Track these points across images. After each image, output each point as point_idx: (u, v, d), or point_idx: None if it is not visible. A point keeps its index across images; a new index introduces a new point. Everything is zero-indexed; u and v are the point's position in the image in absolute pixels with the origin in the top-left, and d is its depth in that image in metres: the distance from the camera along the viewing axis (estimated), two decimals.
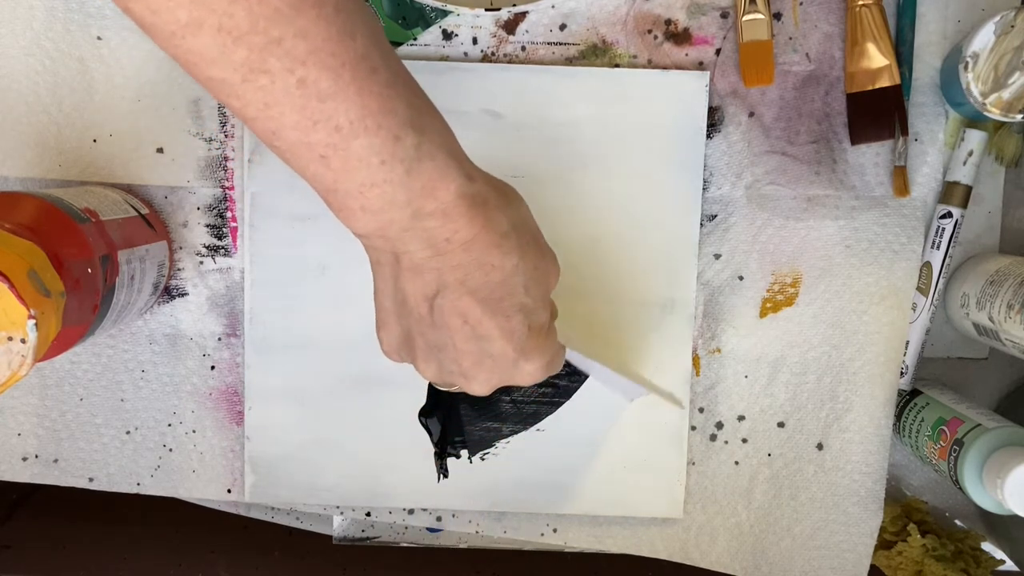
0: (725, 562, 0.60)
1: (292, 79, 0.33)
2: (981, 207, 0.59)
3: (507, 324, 0.40)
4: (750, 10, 0.56)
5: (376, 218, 0.36)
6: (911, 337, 0.59)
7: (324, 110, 0.33)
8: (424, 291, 0.39)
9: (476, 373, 0.42)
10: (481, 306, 0.39)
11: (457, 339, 0.40)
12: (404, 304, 0.40)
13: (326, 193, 0.36)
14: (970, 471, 0.52)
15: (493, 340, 0.40)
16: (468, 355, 0.41)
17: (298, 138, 0.34)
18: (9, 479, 0.60)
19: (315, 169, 0.35)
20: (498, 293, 0.39)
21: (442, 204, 0.37)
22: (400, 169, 0.35)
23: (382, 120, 0.34)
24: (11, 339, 0.41)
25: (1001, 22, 0.53)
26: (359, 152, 0.34)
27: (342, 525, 0.62)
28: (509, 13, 0.57)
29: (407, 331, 0.42)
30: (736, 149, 0.58)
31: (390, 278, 0.40)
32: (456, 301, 0.39)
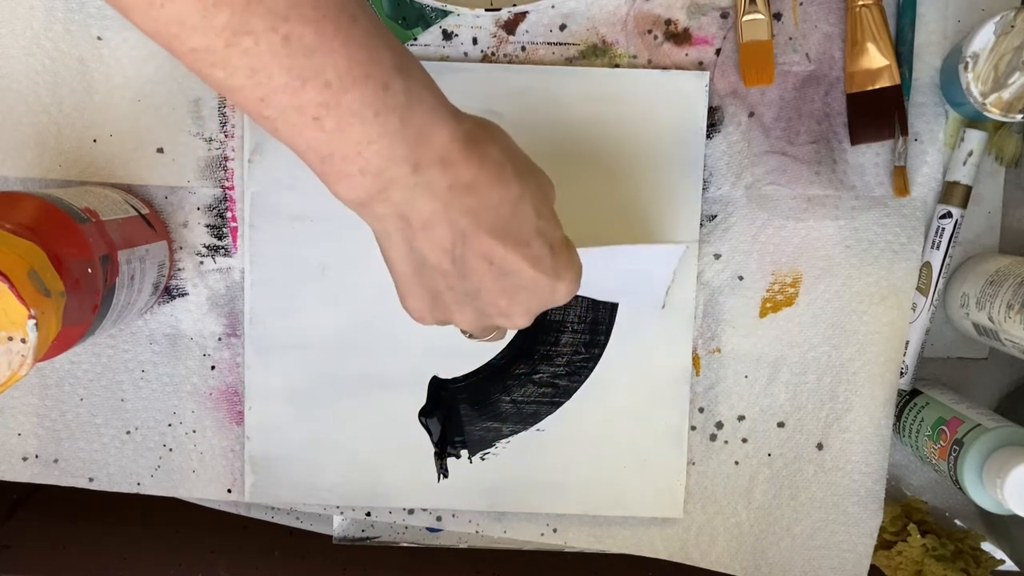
0: (725, 562, 0.60)
1: (276, 37, 0.32)
2: (981, 207, 0.59)
3: (530, 252, 0.40)
4: (750, 10, 0.56)
5: (377, 180, 0.36)
6: (911, 337, 0.59)
7: (312, 66, 0.33)
8: (443, 245, 0.38)
9: (514, 308, 0.41)
10: (502, 243, 0.39)
11: (487, 281, 0.40)
12: (424, 264, 0.39)
13: (322, 163, 0.35)
14: (970, 471, 0.52)
15: (523, 272, 0.40)
16: (503, 293, 0.40)
17: (288, 101, 0.33)
18: (9, 479, 0.60)
19: (309, 135, 0.34)
20: (513, 225, 0.39)
21: (439, 151, 0.36)
22: (394, 119, 0.35)
23: (369, 69, 0.34)
24: (11, 339, 0.41)
25: (1001, 22, 0.53)
26: (351, 106, 0.34)
27: (342, 525, 0.62)
28: (509, 13, 0.57)
29: (433, 291, 0.41)
30: (736, 149, 0.58)
31: (403, 243, 0.39)
32: (477, 245, 0.38)
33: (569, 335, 0.58)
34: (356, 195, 0.36)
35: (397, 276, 0.41)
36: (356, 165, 0.35)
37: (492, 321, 0.43)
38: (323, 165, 0.35)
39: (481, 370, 0.59)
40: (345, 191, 0.36)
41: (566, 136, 0.57)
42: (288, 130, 0.34)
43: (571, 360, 0.59)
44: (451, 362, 0.58)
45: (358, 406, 0.59)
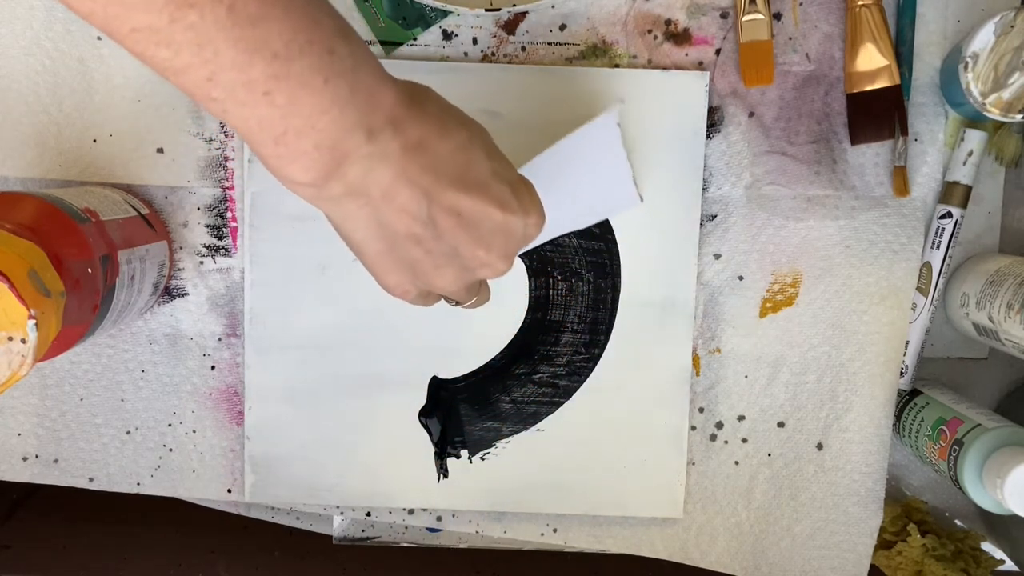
0: (725, 562, 0.60)
1: (221, 8, 0.31)
2: (981, 207, 0.59)
3: (493, 194, 0.40)
4: (750, 10, 0.56)
5: (333, 154, 0.35)
6: (911, 337, 0.59)
7: (258, 36, 0.32)
8: (409, 209, 0.38)
9: (493, 254, 0.41)
10: (465, 192, 0.39)
11: (461, 235, 0.40)
12: (396, 236, 0.39)
13: (276, 144, 0.34)
14: (970, 471, 0.52)
15: (492, 215, 0.40)
16: (479, 243, 0.40)
17: (237, 77, 0.32)
18: (9, 479, 0.60)
19: (262, 112, 0.33)
20: (470, 172, 0.39)
21: (388, 113, 0.36)
22: (344, 85, 0.34)
23: (313, 35, 0.33)
24: (11, 339, 0.41)
25: (1001, 22, 0.53)
26: (301, 76, 0.33)
27: (342, 525, 0.62)
28: (509, 13, 0.57)
29: (411, 261, 0.41)
30: (736, 149, 0.58)
31: (368, 220, 0.38)
32: (442, 200, 0.38)
33: (569, 335, 0.58)
34: (312, 175, 0.35)
35: (370, 257, 0.41)
36: (311, 139, 0.34)
37: (475, 276, 0.42)
38: (276, 146, 0.34)
39: (481, 370, 0.59)
40: (301, 172, 0.35)
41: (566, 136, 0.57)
42: (238, 110, 0.33)
43: (571, 360, 0.59)
44: (451, 362, 0.59)
45: (358, 406, 0.59)
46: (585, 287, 0.58)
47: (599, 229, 0.57)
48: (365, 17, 0.57)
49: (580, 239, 0.58)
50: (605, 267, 0.58)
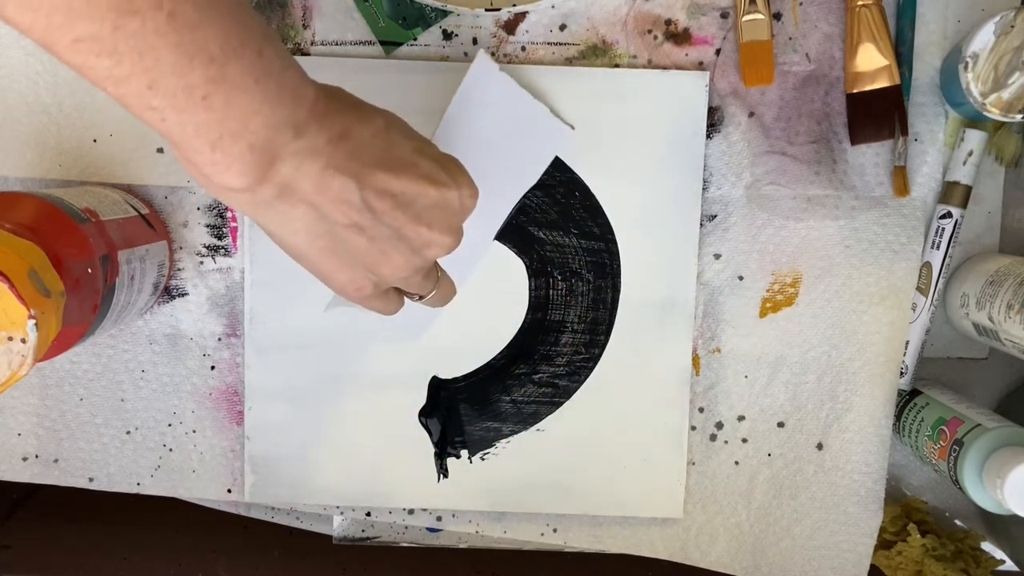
0: (725, 562, 0.60)
1: (162, 15, 0.31)
2: (981, 207, 0.59)
3: (421, 171, 0.41)
4: (750, 10, 0.56)
5: (265, 154, 0.35)
6: (911, 337, 0.59)
7: (196, 41, 0.32)
8: (344, 197, 0.38)
9: (436, 231, 0.42)
10: (394, 173, 0.40)
11: (400, 216, 0.40)
12: (336, 228, 0.40)
13: (212, 149, 0.34)
14: (970, 471, 0.52)
15: (426, 191, 0.41)
16: (419, 220, 0.41)
17: (177, 83, 0.32)
18: (9, 479, 0.60)
19: (200, 118, 0.34)
20: (394, 153, 0.40)
21: (312, 108, 0.37)
22: (272, 84, 0.35)
23: (244, 38, 0.34)
24: (11, 339, 0.41)
25: (1001, 22, 0.53)
26: (235, 78, 0.33)
27: (342, 525, 0.62)
28: (509, 13, 0.57)
29: (355, 252, 0.41)
30: (736, 149, 0.58)
31: (306, 217, 0.39)
32: (374, 183, 0.39)
33: (569, 335, 0.58)
34: (247, 179, 0.36)
35: (315, 257, 0.41)
36: (245, 141, 0.35)
37: (424, 257, 0.43)
38: (213, 152, 0.35)
39: (481, 370, 0.59)
40: (237, 176, 0.36)
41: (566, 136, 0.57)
42: (177, 117, 0.33)
43: (571, 360, 0.59)
44: (451, 362, 0.59)
45: (358, 406, 0.59)
46: (585, 287, 0.58)
47: (599, 229, 0.58)
48: (365, 17, 0.57)
49: (580, 239, 0.58)
50: (605, 267, 0.58)
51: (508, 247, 0.58)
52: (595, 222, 0.58)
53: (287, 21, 0.57)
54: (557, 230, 0.58)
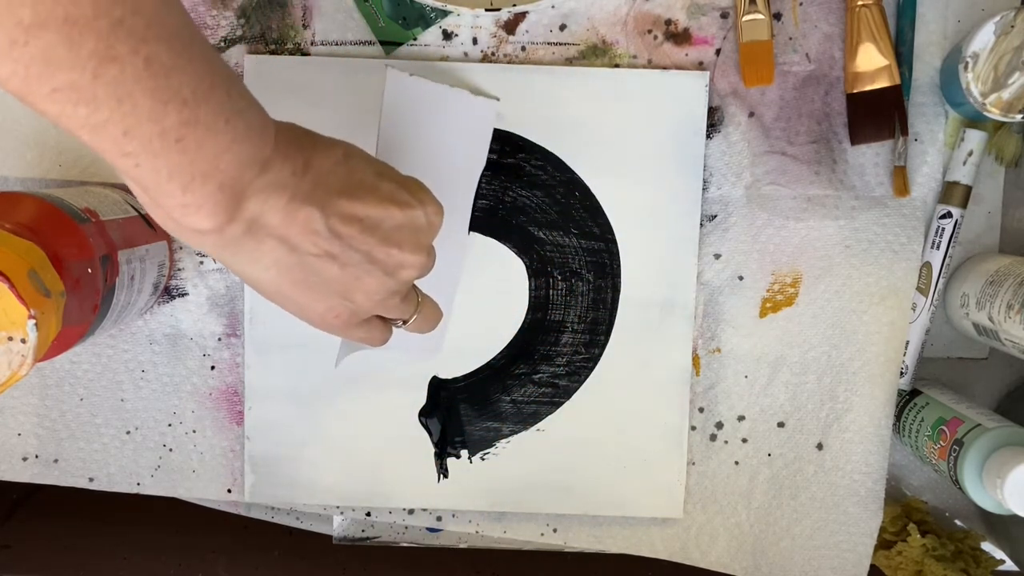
0: (725, 562, 0.60)
1: (139, 60, 0.31)
2: (981, 207, 0.59)
3: (384, 193, 0.41)
4: (750, 10, 0.56)
5: (233, 193, 0.36)
6: (911, 337, 0.59)
7: (171, 86, 0.32)
8: (311, 227, 0.39)
9: (407, 251, 0.42)
10: (358, 198, 0.40)
11: (369, 239, 0.41)
12: (307, 259, 0.40)
13: (183, 192, 0.35)
14: (970, 471, 0.52)
15: (391, 213, 0.41)
16: (389, 242, 0.41)
17: (152, 128, 0.33)
18: (9, 479, 0.60)
19: (173, 161, 0.34)
20: (355, 178, 0.41)
21: (274, 143, 0.37)
22: (241, 123, 0.35)
23: (213, 81, 0.34)
24: (11, 339, 0.41)
25: (1001, 22, 0.53)
26: (207, 120, 0.34)
27: (342, 525, 0.62)
28: (509, 13, 0.57)
29: (328, 282, 0.41)
30: (736, 149, 0.58)
31: (276, 251, 0.39)
32: (339, 210, 0.40)
33: (569, 335, 0.58)
34: (217, 220, 0.36)
35: (289, 292, 0.41)
36: (216, 181, 0.35)
37: (398, 279, 0.43)
38: (184, 195, 0.35)
39: (481, 370, 0.59)
40: (207, 218, 0.36)
41: (566, 136, 0.57)
42: (151, 162, 0.34)
43: (571, 360, 0.59)
44: (451, 362, 0.58)
45: (358, 406, 0.59)
46: (585, 287, 0.58)
47: (599, 229, 0.58)
48: (365, 17, 0.57)
49: (580, 239, 0.58)
50: (605, 267, 0.58)
51: (508, 247, 0.58)
52: (595, 222, 0.58)
53: (287, 21, 0.57)
54: (557, 230, 0.58)
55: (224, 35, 0.57)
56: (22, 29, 0.29)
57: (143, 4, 0.31)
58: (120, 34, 0.31)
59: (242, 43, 0.57)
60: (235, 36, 0.57)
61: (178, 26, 0.33)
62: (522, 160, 0.57)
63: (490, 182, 0.57)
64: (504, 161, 0.57)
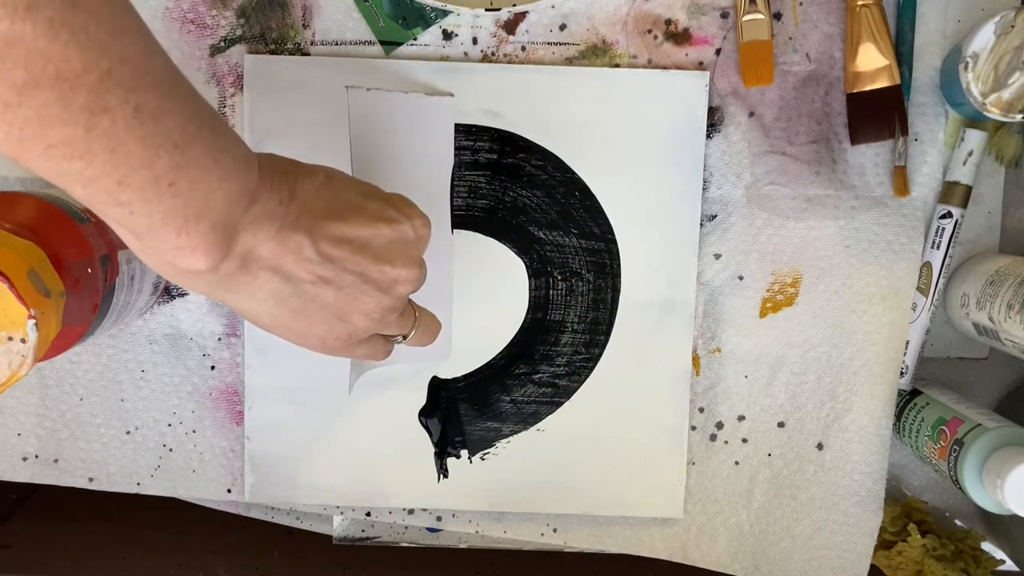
0: (725, 562, 0.60)
1: (129, 109, 0.31)
2: (981, 207, 0.59)
3: (372, 212, 0.42)
4: (750, 10, 0.56)
5: (225, 231, 0.36)
6: (911, 337, 0.59)
7: (160, 131, 0.33)
8: (301, 254, 0.39)
9: (400, 265, 0.42)
10: (344, 220, 0.40)
11: (361, 260, 0.41)
12: (300, 287, 0.40)
13: (177, 235, 0.35)
14: (970, 471, 0.52)
15: (380, 231, 0.42)
16: (381, 260, 0.42)
17: (145, 175, 0.33)
18: (9, 479, 0.60)
19: (167, 205, 0.34)
20: (340, 200, 0.41)
21: (259, 175, 0.37)
22: (229, 159, 0.35)
23: (200, 120, 0.34)
24: (11, 339, 0.41)
25: (1001, 22, 0.53)
26: (197, 160, 0.34)
27: (342, 525, 0.62)
28: (509, 13, 0.57)
29: (326, 307, 0.42)
30: (736, 149, 0.58)
31: (271, 282, 0.39)
32: (327, 234, 0.40)
33: (569, 335, 0.58)
34: (211, 259, 0.36)
35: (288, 322, 0.42)
36: (208, 220, 0.35)
37: (394, 295, 0.43)
38: (179, 237, 0.35)
39: (481, 370, 0.59)
40: (202, 259, 0.36)
41: (566, 136, 0.57)
42: (145, 208, 0.33)
43: (571, 360, 0.59)
44: (451, 362, 0.58)
45: (358, 406, 0.59)
46: (585, 287, 0.58)
47: (599, 229, 0.58)
48: (365, 17, 0.57)
49: (580, 239, 0.58)
50: (605, 267, 0.58)
51: (508, 247, 0.58)
52: (595, 222, 0.58)
53: (287, 21, 0.57)
54: (557, 230, 0.58)
55: (224, 35, 0.57)
56: (15, 91, 0.29)
57: (129, 53, 0.31)
58: (109, 85, 0.31)
59: (242, 43, 0.57)
60: (235, 36, 0.57)
61: (163, 71, 0.33)
62: (522, 160, 0.57)
63: (490, 182, 0.57)
64: (504, 161, 0.57)
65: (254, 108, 0.56)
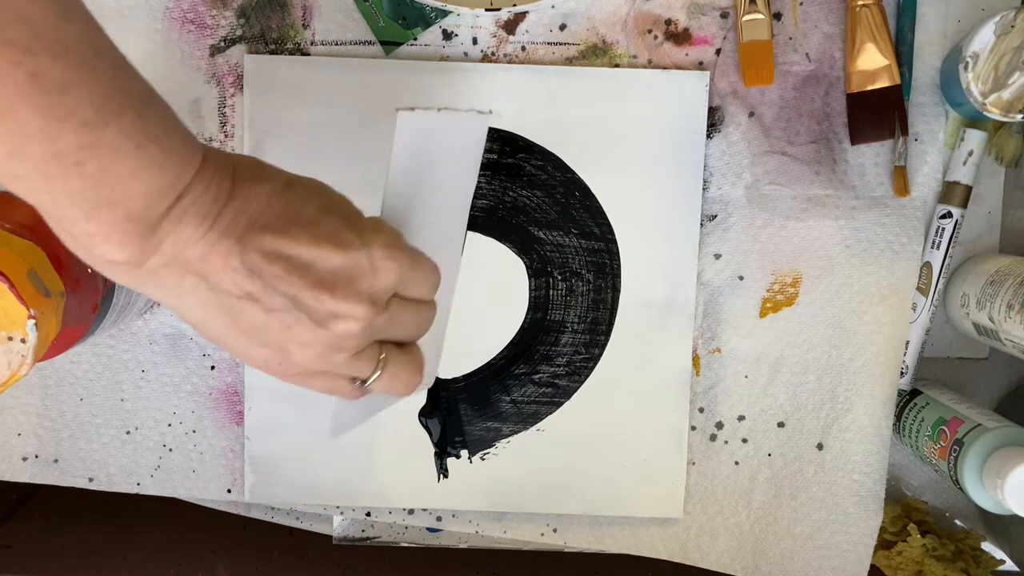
0: (725, 562, 0.60)
1: (22, 73, 0.29)
2: (981, 207, 0.59)
3: (323, 230, 0.36)
4: (750, 10, 0.56)
5: (144, 225, 0.33)
6: (911, 337, 0.59)
7: (66, 104, 0.30)
8: (229, 264, 0.35)
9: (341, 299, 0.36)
10: (285, 234, 0.35)
11: (296, 282, 0.35)
12: (230, 300, 0.36)
13: (87, 220, 0.32)
14: (970, 471, 0.52)
15: (325, 254, 0.36)
16: (320, 287, 0.36)
17: (45, 149, 0.30)
18: (9, 479, 0.60)
19: (73, 186, 0.31)
20: (291, 211, 0.36)
21: (198, 171, 0.34)
22: (156, 149, 0.32)
23: (123, 100, 0.31)
24: (11, 339, 0.41)
25: (1001, 22, 0.53)
26: (112, 143, 0.31)
27: (342, 525, 0.62)
28: (509, 13, 0.57)
29: (256, 328, 0.36)
30: (736, 149, 0.58)
31: (198, 289, 0.35)
32: (260, 246, 0.35)
33: (569, 335, 0.58)
34: (128, 251, 0.33)
35: (219, 334, 0.37)
36: (123, 210, 0.32)
37: (333, 331, 0.37)
38: (88, 222, 0.32)
39: (481, 370, 0.59)
40: (116, 249, 0.33)
41: (566, 136, 0.57)
42: (46, 185, 0.31)
43: (571, 360, 0.59)
44: (451, 362, 0.58)
45: None
46: (585, 287, 0.58)
47: (599, 229, 0.58)
48: (365, 17, 0.57)
49: (580, 239, 0.58)
50: (605, 267, 0.58)
51: (508, 247, 0.58)
52: (595, 222, 0.58)
53: (287, 21, 0.57)
54: (557, 230, 0.58)
55: (224, 35, 0.57)
56: None
57: (30, 13, 0.29)
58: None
59: (242, 43, 0.57)
60: (235, 36, 0.57)
61: (79, 40, 0.30)
62: (522, 160, 0.57)
63: (490, 182, 0.57)
64: (504, 161, 0.57)
65: (254, 108, 0.56)
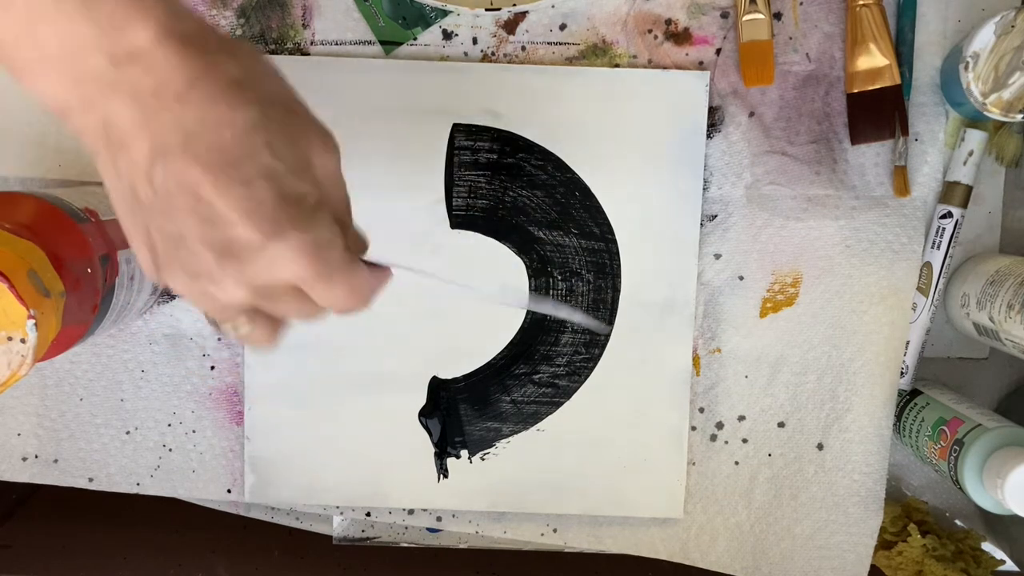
0: (725, 562, 0.60)
1: None
2: (981, 207, 0.59)
3: (248, 193, 0.31)
4: (750, 10, 0.56)
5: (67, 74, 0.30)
6: (911, 337, 0.59)
7: None
8: (141, 164, 0.31)
9: (222, 272, 0.33)
10: (212, 174, 0.31)
11: (192, 225, 0.32)
12: (134, 194, 0.32)
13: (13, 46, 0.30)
14: (970, 471, 0.52)
15: (230, 220, 0.31)
16: (208, 246, 0.32)
17: None
18: (9, 479, 0.60)
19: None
20: (233, 155, 0.31)
21: (137, 44, 0.30)
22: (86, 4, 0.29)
23: None
24: (11, 339, 0.41)
25: (1001, 22, 0.53)
26: None
27: (342, 525, 0.62)
28: (509, 13, 0.57)
29: (147, 233, 0.33)
30: (736, 149, 0.58)
31: (111, 164, 0.32)
32: (180, 170, 0.31)
33: (569, 335, 0.58)
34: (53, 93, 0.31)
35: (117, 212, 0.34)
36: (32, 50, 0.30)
37: (201, 286, 0.34)
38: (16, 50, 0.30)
39: (481, 370, 0.59)
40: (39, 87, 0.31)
41: (566, 136, 0.57)
42: None
43: (571, 360, 0.59)
44: (451, 362, 0.58)
45: (358, 406, 0.59)
46: (585, 287, 0.58)
47: (599, 229, 0.58)
48: (365, 17, 0.57)
49: (580, 239, 0.58)
50: (605, 267, 0.58)
51: (508, 247, 0.58)
52: (595, 222, 0.58)
53: (287, 21, 0.57)
54: (557, 230, 0.58)
55: None
56: None
57: None
58: None
59: None
60: (235, 36, 0.57)
61: None
62: (522, 160, 0.57)
63: (490, 182, 0.57)
64: (504, 161, 0.57)
65: None
